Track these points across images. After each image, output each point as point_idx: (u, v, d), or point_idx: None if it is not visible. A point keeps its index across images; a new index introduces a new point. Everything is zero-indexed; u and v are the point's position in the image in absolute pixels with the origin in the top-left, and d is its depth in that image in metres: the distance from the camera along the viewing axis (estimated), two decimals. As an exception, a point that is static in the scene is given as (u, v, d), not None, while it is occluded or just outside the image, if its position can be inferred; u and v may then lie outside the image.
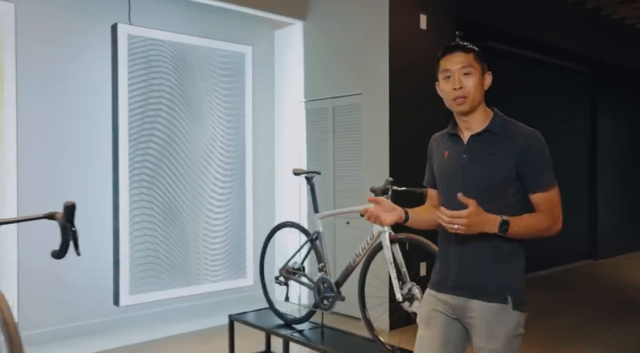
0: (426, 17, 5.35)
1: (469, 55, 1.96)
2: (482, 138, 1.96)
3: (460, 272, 1.96)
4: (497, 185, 1.90)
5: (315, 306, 3.61)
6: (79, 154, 4.52)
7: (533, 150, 1.89)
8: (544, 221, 1.88)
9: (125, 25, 4.48)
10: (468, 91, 1.93)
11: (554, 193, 1.92)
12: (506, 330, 1.87)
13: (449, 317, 2.00)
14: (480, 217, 1.77)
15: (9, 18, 3.91)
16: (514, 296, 1.89)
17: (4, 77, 3.91)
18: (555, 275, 7.79)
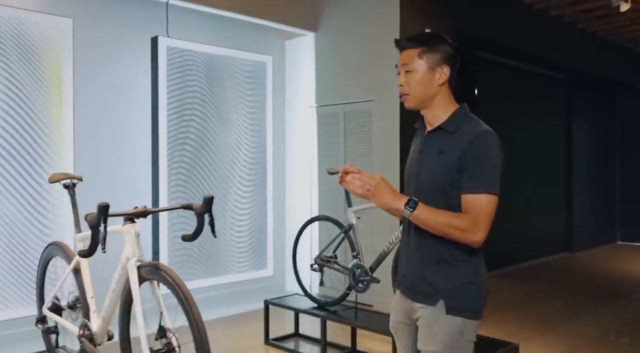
0: (430, 30, 5.91)
1: (411, 51, 1.89)
2: (435, 135, 1.92)
3: (406, 272, 1.95)
4: (440, 184, 1.83)
5: (349, 289, 4.11)
6: (123, 153, 4.90)
7: (474, 150, 1.80)
8: (462, 222, 1.75)
9: (165, 38, 4.89)
10: (408, 88, 1.89)
11: (484, 199, 1.77)
12: (443, 334, 1.81)
13: (408, 325, 1.97)
14: (388, 186, 1.76)
15: (67, 31, 4.29)
16: (448, 301, 1.81)
17: (63, 82, 4.29)
18: (536, 266, 8.44)
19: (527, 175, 8.56)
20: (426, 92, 1.88)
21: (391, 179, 5.19)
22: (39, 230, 4.16)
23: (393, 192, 1.75)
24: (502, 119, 8.08)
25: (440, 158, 1.85)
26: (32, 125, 4.14)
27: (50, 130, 4.23)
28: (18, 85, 4.06)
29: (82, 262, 2.70)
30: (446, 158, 1.83)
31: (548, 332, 4.92)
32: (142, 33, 4.97)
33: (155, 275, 2.21)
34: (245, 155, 5.60)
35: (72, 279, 2.75)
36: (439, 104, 1.91)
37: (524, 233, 8.44)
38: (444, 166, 1.83)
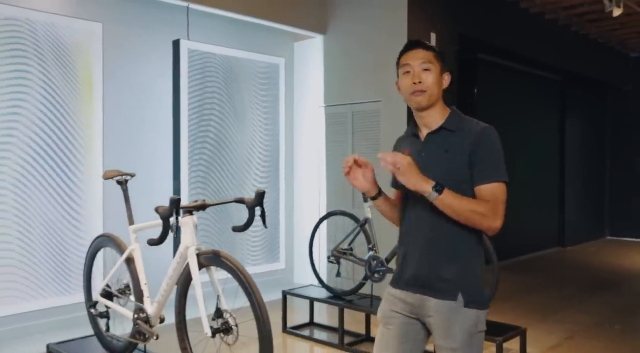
0: (435, 35, 6.20)
1: (429, 52, 1.99)
2: (438, 136, 1.98)
3: (416, 268, 1.95)
4: (452, 181, 1.87)
5: (365, 279, 4.39)
6: (147, 150, 5.14)
7: (483, 144, 1.90)
8: (484, 209, 1.83)
9: (186, 41, 5.13)
10: (427, 86, 1.94)
11: (499, 188, 1.88)
12: (463, 329, 1.87)
13: (407, 317, 1.98)
14: (415, 168, 1.81)
15: (98, 35, 4.51)
16: (466, 294, 1.88)
17: (93, 84, 4.51)
18: (530, 260, 8.80)
19: (522, 173, 8.90)
20: (438, 93, 1.98)
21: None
22: (72, 225, 4.39)
23: (421, 174, 1.80)
24: (499, 117, 8.40)
25: (448, 156, 1.92)
26: (66, 126, 4.36)
27: (82, 129, 4.46)
28: (54, 87, 4.29)
29: (135, 252, 2.94)
30: (454, 156, 1.91)
31: (546, 320, 5.23)
32: (164, 36, 5.21)
33: (215, 261, 2.46)
34: (260, 153, 5.85)
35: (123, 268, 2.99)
36: (440, 107, 2.00)
37: (519, 229, 8.78)
38: (453, 163, 1.90)
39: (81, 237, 4.44)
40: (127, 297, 3.08)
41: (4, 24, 4.02)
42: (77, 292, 4.40)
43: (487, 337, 3.59)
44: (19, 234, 4.11)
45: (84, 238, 4.46)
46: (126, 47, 4.98)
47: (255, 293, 2.29)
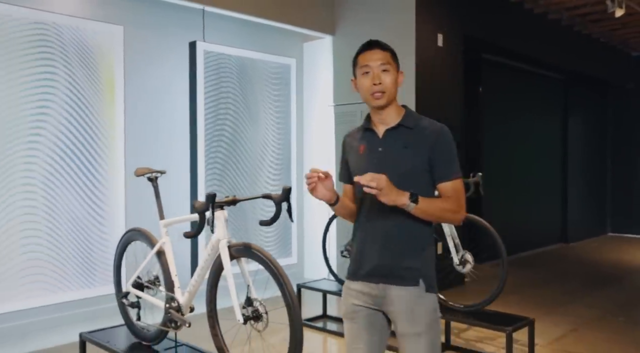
0: (442, 36, 6.37)
1: (386, 53, 2.07)
2: (397, 132, 2.05)
3: (378, 260, 2.01)
4: (410, 175, 1.98)
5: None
6: (165, 148, 5.31)
7: (441, 143, 2.00)
8: (451, 205, 1.96)
9: (202, 43, 5.30)
10: (385, 87, 2.02)
11: (459, 183, 2.01)
12: (426, 313, 1.98)
13: (370, 309, 2.05)
14: (391, 185, 1.86)
15: (119, 38, 4.68)
16: (426, 280, 1.98)
17: (115, 84, 4.68)
18: (534, 256, 8.96)
19: (526, 171, 9.07)
20: (395, 93, 2.07)
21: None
22: (96, 221, 4.57)
23: (396, 189, 1.87)
24: (503, 115, 8.59)
25: (408, 152, 2.00)
26: (90, 125, 4.53)
27: (105, 129, 4.63)
28: (78, 87, 4.45)
29: (165, 245, 3.11)
30: (415, 151, 2.00)
31: (551, 313, 5.40)
32: (180, 38, 5.37)
33: (246, 253, 2.63)
34: (272, 151, 6.02)
35: (153, 260, 3.16)
36: (395, 105, 2.09)
37: (523, 225, 8.95)
38: (412, 158, 1.99)
39: (105, 232, 4.61)
40: (156, 288, 3.25)
41: (32, 27, 4.18)
42: (101, 284, 4.57)
43: (497, 327, 3.79)
44: (47, 229, 4.28)
45: (107, 233, 4.63)
46: (144, 48, 5.15)
47: (286, 282, 2.45)
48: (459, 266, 4.10)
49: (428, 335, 1.97)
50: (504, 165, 8.59)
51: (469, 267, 4.08)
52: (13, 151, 4.11)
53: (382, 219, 2.01)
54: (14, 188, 4.13)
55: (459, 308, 4.12)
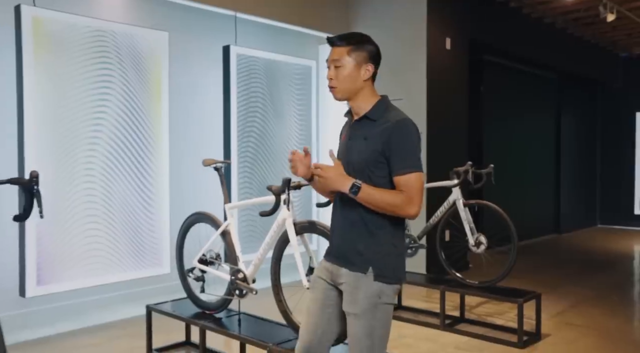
0: (450, 40, 6.90)
1: (341, 48, 2.09)
2: (361, 123, 2.13)
3: (338, 243, 2.17)
4: (366, 166, 2.05)
5: (399, 254, 5.09)
6: (202, 144, 5.78)
7: (398, 135, 2.00)
8: (398, 198, 1.98)
9: (234, 47, 5.77)
10: (336, 83, 2.09)
11: (414, 177, 1.99)
12: (366, 298, 2.03)
13: (328, 284, 2.19)
14: (337, 175, 1.98)
15: (164, 43, 5.14)
16: (376, 268, 2.04)
17: (161, 86, 5.14)
18: (530, 245, 9.55)
19: (521, 165, 9.65)
20: (352, 87, 2.08)
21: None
22: (145, 208, 5.03)
23: (344, 178, 2.00)
24: (501, 113, 9.15)
25: (366, 143, 2.06)
26: (140, 122, 4.99)
27: (152, 124, 5.09)
28: (131, 88, 4.91)
29: (230, 226, 3.60)
30: (371, 143, 2.04)
31: (550, 293, 5.96)
32: (215, 42, 5.85)
33: (311, 229, 3.13)
34: (295, 146, 6.52)
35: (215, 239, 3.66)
36: (364, 97, 2.10)
37: (519, 217, 9.48)
38: (369, 151, 2.04)
39: (152, 219, 5.08)
40: (218, 264, 3.75)
41: (94, 34, 4.64)
42: (149, 267, 5.04)
43: (510, 299, 4.33)
44: (105, 215, 4.74)
45: (154, 220, 5.10)
46: (185, 51, 5.63)
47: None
48: (474, 247, 4.65)
49: (365, 319, 2.04)
50: (501, 160, 9.14)
51: (482, 248, 4.62)
52: (76, 145, 4.57)
53: (348, 206, 2.10)
54: (77, 178, 4.58)
55: (474, 284, 4.66)
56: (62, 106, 4.48)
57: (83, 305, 4.85)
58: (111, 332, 4.61)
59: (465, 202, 4.68)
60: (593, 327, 4.81)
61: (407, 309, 5.17)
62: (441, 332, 4.57)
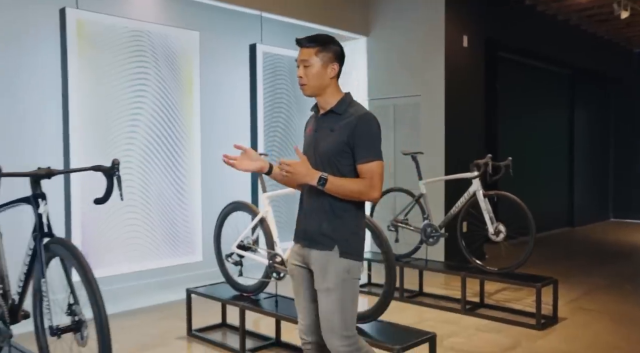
0: (467, 37, 7.10)
1: (310, 49, 2.27)
2: (327, 117, 2.32)
3: (306, 225, 2.33)
4: (333, 155, 2.23)
5: (421, 242, 5.33)
6: (230, 139, 6.04)
7: (362, 128, 2.20)
8: (360, 185, 2.18)
9: (261, 45, 6.03)
10: (305, 80, 2.27)
11: (375, 166, 2.20)
12: (335, 273, 2.22)
13: (302, 268, 2.37)
14: (304, 169, 2.15)
15: (195, 41, 5.41)
16: (342, 246, 2.23)
17: (193, 83, 5.41)
18: (543, 237, 9.72)
19: (536, 160, 9.83)
20: (320, 84, 2.27)
21: (437, 163, 6.43)
22: (179, 199, 5.31)
23: (312, 172, 2.16)
24: (516, 108, 9.34)
25: (333, 135, 2.24)
26: (174, 117, 5.26)
27: (185, 120, 5.35)
28: (165, 85, 5.18)
29: (268, 214, 3.86)
30: (337, 135, 2.23)
31: (565, 281, 6.14)
32: (242, 40, 6.12)
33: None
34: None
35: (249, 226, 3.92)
36: (330, 93, 2.30)
37: (532, 210, 9.63)
38: (335, 141, 2.23)
39: (186, 209, 5.36)
40: (255, 249, 4.01)
41: (132, 34, 4.91)
42: (183, 255, 5.32)
43: (528, 283, 4.56)
44: (142, 205, 5.02)
45: (187, 210, 5.37)
46: (214, 50, 5.91)
47: (379, 235, 3.21)
48: (493, 235, 4.87)
49: (337, 292, 2.22)
50: (516, 154, 9.29)
51: (501, 237, 4.85)
52: (115, 139, 4.84)
53: (314, 193, 2.28)
54: (117, 170, 4.87)
55: (493, 270, 4.89)
56: (103, 102, 4.76)
57: (122, 290, 5.14)
58: (150, 315, 4.89)
59: (484, 193, 4.91)
60: (606, 312, 5.02)
61: (428, 295, 5.41)
62: (462, 315, 4.80)
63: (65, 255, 2.20)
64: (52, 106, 4.71)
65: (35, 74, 4.70)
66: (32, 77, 4.69)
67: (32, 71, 4.69)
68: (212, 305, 4.46)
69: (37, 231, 2.32)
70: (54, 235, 2.33)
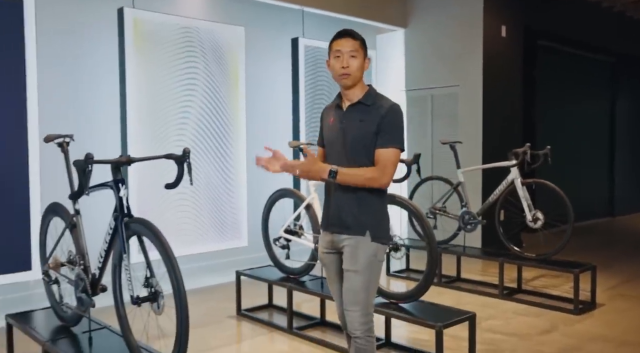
0: (505, 27, 7.14)
1: (356, 42, 2.42)
2: (356, 108, 2.43)
3: (335, 213, 2.43)
4: (363, 143, 2.35)
5: (459, 229, 5.48)
6: (274, 131, 6.30)
7: (390, 117, 2.34)
8: (371, 172, 2.30)
9: (303, 39, 6.23)
10: (351, 70, 2.38)
11: (392, 152, 2.32)
12: (365, 256, 2.35)
13: (333, 254, 2.51)
14: (314, 166, 2.27)
15: (241, 36, 5.66)
16: (372, 231, 2.37)
17: (239, 77, 5.67)
18: (582, 227, 9.66)
19: (576, 148, 9.77)
20: (359, 75, 2.42)
21: (475, 152, 6.52)
22: (226, 187, 5.59)
23: (320, 168, 2.27)
24: (556, 96, 9.30)
25: (363, 125, 2.36)
26: (221, 108, 5.52)
27: (231, 110, 5.62)
28: (214, 80, 5.45)
29: (314, 200, 4.08)
30: (368, 125, 2.35)
31: (604, 269, 6.18)
32: (285, 34, 6.34)
33: (390, 201, 3.58)
34: (357, 130, 6.95)
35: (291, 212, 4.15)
36: (360, 85, 2.43)
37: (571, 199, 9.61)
38: (366, 131, 2.35)
39: (232, 197, 5.63)
40: (302, 233, 4.24)
41: (182, 31, 5.18)
42: (230, 240, 5.60)
43: (567, 269, 4.66)
44: (191, 193, 5.31)
45: (234, 198, 5.64)
46: (258, 44, 6.16)
47: (422, 220, 3.40)
48: (531, 222, 4.98)
49: (365, 274, 2.37)
50: (556, 142, 9.29)
51: (539, 224, 4.95)
52: (168, 130, 5.14)
53: (341, 186, 2.38)
54: (169, 160, 5.17)
55: (531, 257, 5.00)
56: (156, 96, 5.06)
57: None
58: (199, 296, 5.19)
59: (523, 180, 5.01)
60: (646, 299, 5.07)
61: (465, 281, 5.55)
62: (499, 300, 4.94)
63: (145, 233, 2.46)
64: (109, 100, 5.03)
65: (94, 68, 5.03)
66: (92, 71, 5.02)
67: (91, 66, 5.02)
68: (259, 287, 4.72)
69: (118, 212, 2.59)
70: (133, 215, 2.60)
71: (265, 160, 2.43)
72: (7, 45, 4.13)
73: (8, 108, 4.16)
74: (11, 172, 4.20)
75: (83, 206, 3.13)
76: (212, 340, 4.00)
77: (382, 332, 3.80)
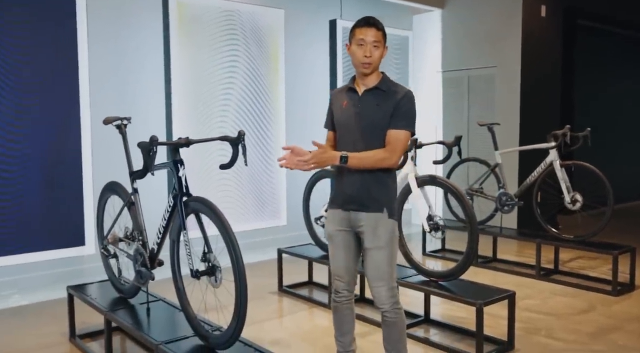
0: (545, 7, 7.04)
1: (379, 32, 2.50)
2: (372, 93, 2.51)
3: (352, 192, 2.50)
4: (379, 127, 2.45)
5: (495, 210, 5.51)
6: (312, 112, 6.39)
7: (405, 102, 2.45)
8: (381, 153, 2.41)
9: (340, 20, 6.28)
10: (373, 60, 2.47)
11: (403, 134, 2.44)
12: (386, 232, 2.47)
13: (345, 231, 2.57)
14: (325, 155, 2.34)
15: (280, 19, 5.74)
16: (389, 208, 2.49)
17: (279, 60, 5.77)
18: (622, 209, 9.44)
19: (616, 131, 9.59)
20: (379, 64, 2.53)
21: (512, 134, 6.50)
22: (265, 167, 5.73)
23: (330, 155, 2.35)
24: (598, 77, 9.12)
25: (380, 109, 2.45)
26: (262, 90, 5.65)
27: (272, 94, 5.74)
28: (255, 63, 5.57)
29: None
30: (385, 109, 2.45)
31: (642, 252, 6.17)
32: (323, 16, 6.39)
33: (431, 182, 3.66)
34: (393, 112, 7.00)
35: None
36: (376, 72, 2.54)
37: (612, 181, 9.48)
38: (382, 114, 2.45)
39: (272, 177, 5.78)
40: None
41: (224, 14, 5.30)
42: (269, 219, 5.76)
43: (605, 251, 4.67)
44: (233, 174, 5.48)
45: (273, 178, 5.79)
46: (294, 26, 6.23)
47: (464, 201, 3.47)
48: (569, 204, 4.99)
49: (388, 249, 2.49)
50: (595, 123, 9.15)
51: (578, 206, 4.96)
52: (211, 111, 5.30)
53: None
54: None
55: (569, 238, 5.02)
56: (200, 78, 5.20)
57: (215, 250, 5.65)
58: (242, 272, 5.38)
59: (562, 162, 5.01)
60: (686, 282, 5.04)
61: (502, 261, 5.60)
62: (536, 281, 4.98)
63: (204, 211, 2.61)
64: (154, 82, 5.19)
65: (140, 52, 5.18)
66: (137, 55, 5.17)
67: (137, 50, 5.17)
68: (299, 264, 4.87)
69: (177, 191, 2.74)
70: (191, 194, 2.75)
71: (288, 159, 2.40)
72: (61, 30, 4.30)
73: (63, 86, 4.35)
74: (65, 152, 4.41)
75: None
76: (256, 314, 4.17)
77: (421, 309, 3.91)
